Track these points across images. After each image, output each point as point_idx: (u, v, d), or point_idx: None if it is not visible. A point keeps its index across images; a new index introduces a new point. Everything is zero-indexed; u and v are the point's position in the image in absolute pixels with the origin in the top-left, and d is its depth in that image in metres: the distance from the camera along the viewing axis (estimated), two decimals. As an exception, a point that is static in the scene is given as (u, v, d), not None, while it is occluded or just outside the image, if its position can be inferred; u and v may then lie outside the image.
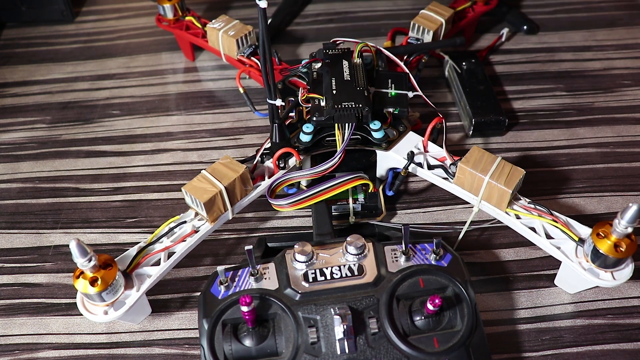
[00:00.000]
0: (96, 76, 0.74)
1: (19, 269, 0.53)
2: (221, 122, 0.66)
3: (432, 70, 0.72)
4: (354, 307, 0.40)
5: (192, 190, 0.46)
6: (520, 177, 0.46)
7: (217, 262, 0.53)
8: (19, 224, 0.57)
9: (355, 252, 0.42)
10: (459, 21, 0.70)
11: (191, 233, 0.46)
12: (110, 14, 0.85)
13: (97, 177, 0.61)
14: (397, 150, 0.52)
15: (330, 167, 0.49)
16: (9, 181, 0.61)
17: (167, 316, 0.49)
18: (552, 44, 0.76)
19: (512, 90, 0.69)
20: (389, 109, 0.54)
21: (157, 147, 0.64)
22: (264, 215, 0.56)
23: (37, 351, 0.47)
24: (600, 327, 0.47)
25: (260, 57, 0.45)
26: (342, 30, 0.79)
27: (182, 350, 0.47)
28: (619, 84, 0.69)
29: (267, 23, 0.42)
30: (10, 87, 0.73)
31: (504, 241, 0.53)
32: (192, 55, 0.74)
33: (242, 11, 0.84)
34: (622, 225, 0.40)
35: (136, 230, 0.55)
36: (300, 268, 0.42)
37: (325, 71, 0.54)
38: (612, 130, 0.63)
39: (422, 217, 0.56)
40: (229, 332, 0.39)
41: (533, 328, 0.47)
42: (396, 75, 0.56)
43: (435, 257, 0.43)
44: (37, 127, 0.67)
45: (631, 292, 0.49)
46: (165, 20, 0.71)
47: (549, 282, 0.50)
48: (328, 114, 0.50)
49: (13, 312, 0.49)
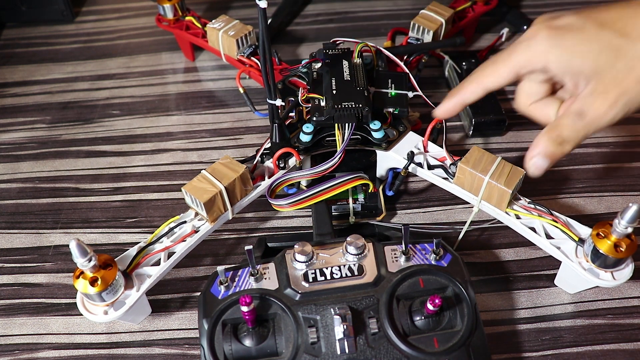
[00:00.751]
0: (96, 76, 0.74)
1: (19, 269, 0.53)
2: (221, 122, 0.66)
3: (432, 70, 0.72)
4: (354, 307, 0.40)
5: (192, 190, 0.46)
6: (520, 177, 0.46)
7: (217, 262, 0.53)
8: (19, 224, 0.57)
9: (355, 252, 0.42)
10: (459, 21, 0.70)
11: (191, 233, 0.46)
12: (110, 14, 0.85)
13: (97, 177, 0.61)
14: (397, 150, 0.52)
15: (330, 167, 0.49)
16: (9, 181, 0.61)
17: (167, 316, 0.49)
18: (552, 44, 0.76)
19: (512, 90, 0.69)
20: (389, 109, 0.54)
21: (157, 147, 0.64)
22: (264, 215, 0.56)
23: (37, 351, 0.47)
24: (600, 327, 0.47)
25: (260, 57, 0.45)
26: (342, 30, 0.79)
27: (182, 350, 0.47)
28: (619, 84, 0.69)
29: (267, 23, 0.42)
30: (10, 87, 0.73)
31: (504, 241, 0.53)
32: (192, 55, 0.74)
33: (242, 11, 0.84)
34: (622, 225, 0.40)
35: (136, 230, 0.55)
36: (300, 268, 0.42)
37: (325, 71, 0.54)
38: (612, 130, 0.63)
39: (422, 217, 0.56)
40: (229, 332, 0.39)
41: (533, 328, 0.47)
42: (396, 75, 0.56)
43: (435, 257, 0.43)
44: (37, 127, 0.67)
45: (631, 292, 0.49)
46: (165, 20, 0.71)
47: (549, 282, 0.50)
48: (328, 114, 0.50)
49: (13, 312, 0.49)
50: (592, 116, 0.35)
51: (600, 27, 0.34)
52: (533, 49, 0.36)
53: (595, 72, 0.34)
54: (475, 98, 0.40)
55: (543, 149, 0.37)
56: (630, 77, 0.33)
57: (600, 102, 0.34)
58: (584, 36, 0.34)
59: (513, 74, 0.38)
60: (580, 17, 0.35)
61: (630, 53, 0.33)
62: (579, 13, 0.36)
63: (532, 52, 0.36)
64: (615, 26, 0.34)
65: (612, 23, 0.34)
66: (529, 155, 0.38)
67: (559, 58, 0.35)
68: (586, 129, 0.35)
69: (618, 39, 0.34)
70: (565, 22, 0.35)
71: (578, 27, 0.35)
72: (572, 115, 0.35)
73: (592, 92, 0.35)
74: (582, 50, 0.34)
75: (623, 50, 0.33)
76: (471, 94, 0.40)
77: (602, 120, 0.35)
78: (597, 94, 0.34)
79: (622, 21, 0.34)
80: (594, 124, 0.35)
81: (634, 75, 0.33)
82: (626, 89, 0.34)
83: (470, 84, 0.40)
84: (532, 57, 0.36)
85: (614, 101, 0.34)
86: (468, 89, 0.40)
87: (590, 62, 0.34)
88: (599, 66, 0.34)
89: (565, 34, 0.35)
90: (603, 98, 0.34)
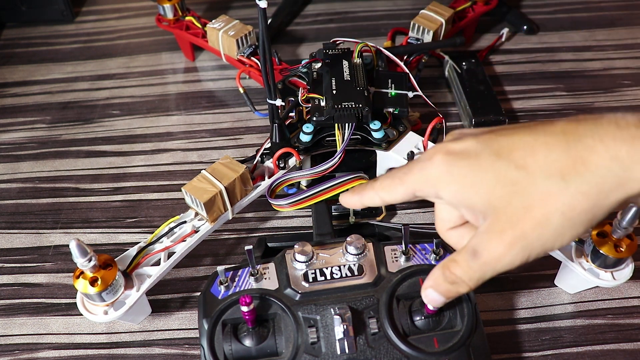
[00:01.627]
0: (96, 76, 0.74)
1: (19, 269, 0.53)
2: (221, 122, 0.66)
3: (432, 70, 0.72)
4: (354, 307, 0.40)
5: (192, 190, 0.46)
6: (520, 177, 0.46)
7: (217, 262, 0.53)
8: (19, 224, 0.57)
9: (355, 252, 0.42)
10: (459, 21, 0.70)
11: (191, 233, 0.46)
12: (110, 14, 0.85)
13: (97, 177, 0.61)
14: (397, 150, 0.52)
15: (330, 167, 0.49)
16: (9, 181, 0.61)
17: (167, 316, 0.49)
18: (552, 44, 0.76)
19: (512, 90, 0.69)
20: (389, 109, 0.53)
21: (157, 147, 0.64)
22: (264, 215, 0.56)
23: (37, 351, 0.47)
24: (600, 327, 0.47)
25: (260, 57, 0.45)
26: (342, 30, 0.79)
27: (182, 350, 0.47)
28: (619, 84, 0.69)
29: (267, 23, 0.42)
30: (10, 87, 0.73)
31: (504, 241, 0.53)
32: (192, 55, 0.74)
33: (242, 11, 0.84)
34: (622, 225, 0.40)
35: (136, 230, 0.55)
36: (300, 268, 0.42)
37: (325, 71, 0.54)
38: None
39: (422, 217, 0.56)
40: (229, 332, 0.39)
41: (533, 328, 0.47)
42: (396, 75, 0.56)
43: (435, 257, 0.43)
44: (37, 127, 0.67)
45: (631, 292, 0.49)
46: (165, 20, 0.71)
47: (549, 282, 0.50)
48: (328, 114, 0.50)
49: (13, 312, 0.49)
50: (486, 258, 0.30)
51: (496, 156, 0.29)
52: (426, 173, 0.31)
53: (490, 207, 0.29)
54: (374, 204, 0.36)
55: (435, 284, 0.33)
56: (527, 219, 0.28)
57: (495, 243, 0.29)
58: (478, 165, 0.29)
59: (409, 194, 0.33)
60: (478, 142, 0.30)
61: (527, 189, 0.28)
62: (479, 136, 0.30)
63: (425, 176, 0.32)
64: (511, 156, 0.28)
65: (508, 152, 0.29)
66: (424, 285, 0.34)
67: (450, 187, 0.30)
68: (481, 271, 0.30)
69: (514, 172, 0.28)
70: (462, 146, 0.30)
71: (474, 153, 0.30)
72: (467, 253, 0.31)
73: (488, 230, 0.29)
74: (474, 182, 0.29)
75: (519, 185, 0.28)
76: (369, 199, 0.36)
77: (498, 264, 0.30)
78: (492, 233, 0.29)
79: (522, 150, 0.28)
80: (489, 267, 0.30)
81: (531, 216, 0.28)
82: (523, 231, 0.28)
83: (368, 191, 0.36)
84: (425, 182, 0.32)
85: (510, 244, 0.29)
86: (367, 195, 0.36)
87: (483, 196, 0.29)
88: (493, 201, 0.29)
89: (459, 160, 0.30)
90: (498, 239, 0.29)
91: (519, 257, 0.29)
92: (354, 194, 0.38)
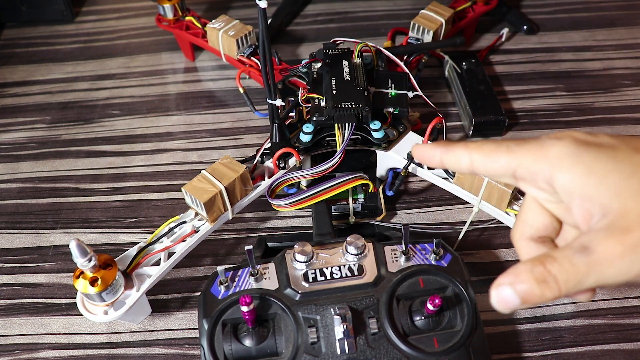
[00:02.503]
0: (96, 76, 0.74)
1: (19, 269, 0.53)
2: (221, 122, 0.66)
3: (432, 70, 0.72)
4: (354, 307, 0.40)
5: (192, 190, 0.46)
6: (520, 177, 0.46)
7: (217, 262, 0.53)
8: (19, 224, 0.57)
9: (355, 252, 0.42)
10: (459, 21, 0.70)
11: (191, 233, 0.46)
12: (110, 14, 0.85)
13: (97, 177, 0.61)
14: (397, 150, 0.52)
15: (330, 167, 0.49)
16: (9, 181, 0.61)
17: (167, 316, 0.49)
18: (552, 44, 0.76)
19: (512, 90, 0.69)
20: (389, 109, 0.53)
21: (157, 147, 0.64)
22: (264, 215, 0.56)
23: (37, 351, 0.47)
24: (600, 327, 0.47)
25: (260, 57, 0.45)
26: (342, 30, 0.79)
27: (182, 350, 0.47)
28: (619, 84, 0.69)
29: (267, 23, 0.42)
30: (10, 87, 0.73)
31: (504, 241, 0.53)
32: (192, 55, 0.74)
33: (242, 11, 0.84)
34: None
35: (136, 230, 0.55)
36: (300, 268, 0.42)
37: (325, 71, 0.54)
38: (612, 130, 0.63)
39: (422, 217, 0.56)
40: (229, 332, 0.39)
41: (533, 328, 0.47)
42: (396, 75, 0.56)
43: (435, 257, 0.43)
44: (37, 127, 0.67)
45: (631, 292, 0.49)
46: (165, 20, 0.71)
47: (549, 282, 0.50)
48: (328, 114, 0.50)
49: (13, 312, 0.49)
50: (598, 256, 0.24)
51: (634, 150, 0.26)
52: (547, 150, 0.27)
53: (619, 201, 0.24)
54: (456, 167, 0.30)
55: (516, 281, 0.26)
56: None
57: (614, 242, 0.24)
58: (614, 155, 0.26)
59: (509, 169, 0.28)
60: (614, 138, 0.27)
61: None
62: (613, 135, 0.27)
63: (544, 152, 0.27)
64: None
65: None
66: (498, 280, 0.27)
67: (573, 170, 0.26)
68: (585, 272, 0.24)
69: None
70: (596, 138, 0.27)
71: (609, 145, 0.26)
72: (572, 249, 0.25)
73: (608, 227, 0.24)
74: (605, 169, 0.25)
75: None
76: (454, 158, 0.30)
77: (610, 269, 0.24)
78: (613, 230, 0.24)
79: None
80: (597, 269, 0.24)
81: None
82: None
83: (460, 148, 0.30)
84: (542, 158, 0.27)
85: (633, 247, 0.24)
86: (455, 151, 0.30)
87: (612, 187, 0.25)
88: (624, 195, 0.24)
89: (592, 147, 0.26)
90: (619, 237, 0.24)
91: (637, 266, 0.24)
92: (436, 146, 0.31)
